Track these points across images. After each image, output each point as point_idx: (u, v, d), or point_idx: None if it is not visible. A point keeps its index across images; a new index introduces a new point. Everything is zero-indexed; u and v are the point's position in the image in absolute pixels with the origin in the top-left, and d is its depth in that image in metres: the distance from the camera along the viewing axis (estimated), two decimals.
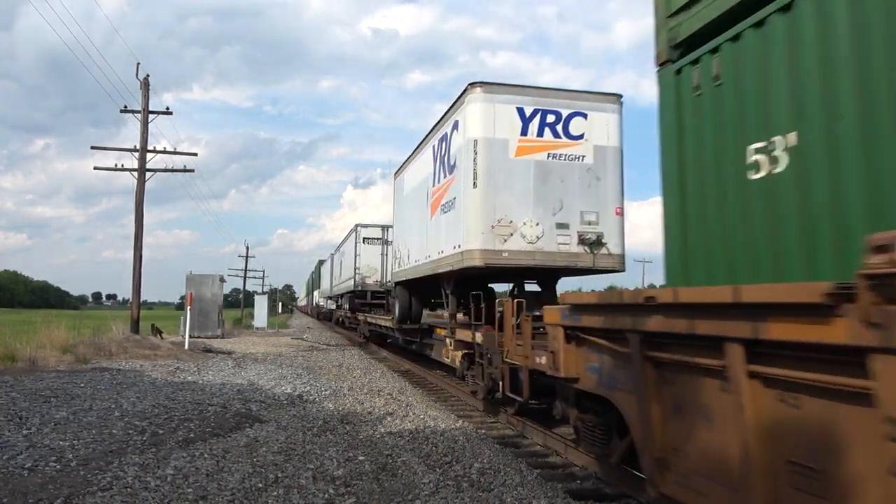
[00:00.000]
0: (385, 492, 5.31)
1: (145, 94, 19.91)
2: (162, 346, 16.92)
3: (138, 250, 19.54)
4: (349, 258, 24.23)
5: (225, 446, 6.68)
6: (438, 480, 5.62)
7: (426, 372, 13.99)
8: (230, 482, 5.39)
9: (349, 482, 5.53)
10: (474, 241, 8.77)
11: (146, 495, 4.96)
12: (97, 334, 16.73)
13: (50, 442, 6.51)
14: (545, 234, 8.74)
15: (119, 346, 15.90)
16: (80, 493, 4.94)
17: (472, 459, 6.36)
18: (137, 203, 19.70)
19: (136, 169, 19.78)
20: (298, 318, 64.61)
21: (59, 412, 7.97)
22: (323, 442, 7.03)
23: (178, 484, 5.29)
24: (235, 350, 19.46)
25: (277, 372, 13.41)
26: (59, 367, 12.64)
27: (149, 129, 19.93)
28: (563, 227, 8.84)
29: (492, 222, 8.65)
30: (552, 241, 8.77)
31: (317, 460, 6.20)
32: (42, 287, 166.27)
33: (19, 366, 12.45)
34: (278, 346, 22.31)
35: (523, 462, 6.45)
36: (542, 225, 8.76)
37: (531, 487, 5.51)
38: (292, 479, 5.56)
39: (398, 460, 6.30)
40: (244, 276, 59.94)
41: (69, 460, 5.87)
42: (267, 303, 41.07)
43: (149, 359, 15.00)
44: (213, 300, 25.09)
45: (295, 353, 18.81)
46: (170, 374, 12.50)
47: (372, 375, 13.40)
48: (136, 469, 5.66)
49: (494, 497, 5.23)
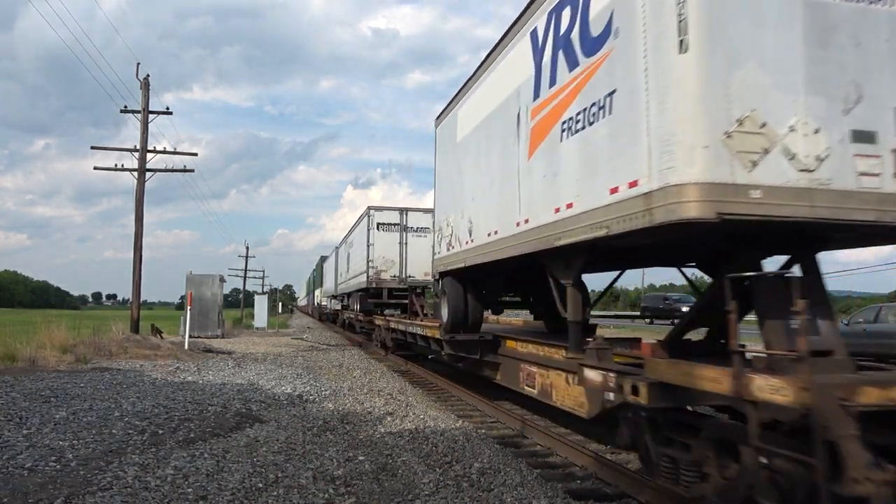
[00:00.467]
0: (385, 492, 5.31)
1: (145, 94, 19.91)
2: (162, 346, 16.92)
3: (138, 250, 19.54)
4: (360, 249, 20.82)
5: (225, 446, 6.68)
6: (438, 480, 5.62)
7: (426, 372, 13.99)
8: (230, 482, 5.39)
9: (349, 482, 5.53)
10: (688, 166, 4.05)
11: (146, 495, 4.96)
12: (97, 334, 16.72)
13: (50, 442, 6.51)
14: (833, 151, 4.18)
15: (119, 346, 15.90)
16: (80, 493, 4.94)
17: (472, 459, 6.36)
18: (137, 203, 19.70)
19: (136, 169, 19.77)
20: (298, 319, 64.60)
21: (59, 412, 7.97)
22: (323, 442, 7.03)
23: (178, 484, 5.29)
24: (235, 350, 19.46)
25: (277, 372, 13.41)
26: (59, 367, 12.63)
27: (149, 129, 19.95)
28: (865, 138, 4.27)
29: (726, 125, 4.04)
30: (847, 168, 4.21)
31: (317, 460, 6.20)
32: (42, 287, 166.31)
33: (19, 366, 12.45)
34: (278, 346, 22.30)
35: (523, 462, 6.45)
36: (825, 133, 4.19)
37: (531, 487, 5.51)
38: (292, 478, 5.56)
39: (398, 460, 6.30)
40: (244, 276, 60.00)
41: (69, 460, 5.87)
42: (267, 303, 41.08)
43: (149, 359, 15.00)
44: (213, 300, 25.08)
45: (295, 353, 18.80)
46: (170, 374, 12.50)
47: (372, 375, 13.40)
48: (136, 469, 5.65)
49: (494, 497, 5.23)
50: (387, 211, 19.74)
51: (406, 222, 19.50)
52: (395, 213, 19.63)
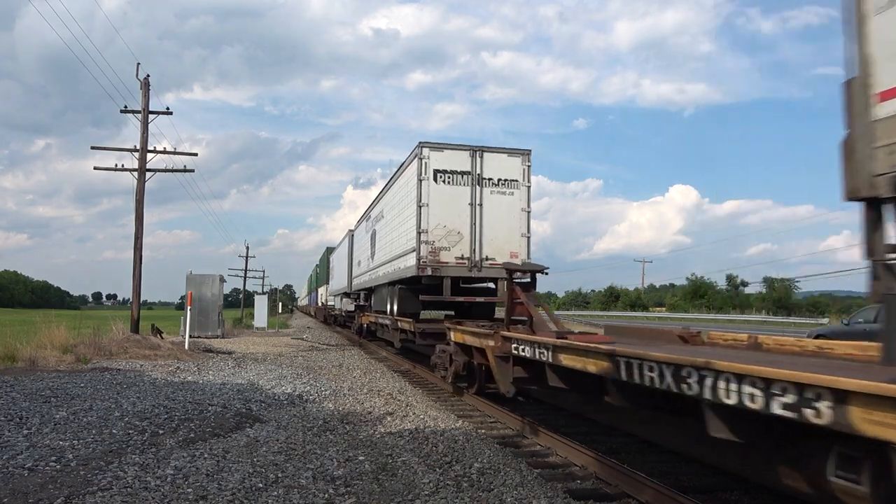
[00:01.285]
0: (385, 492, 5.31)
1: (145, 94, 19.91)
2: (162, 346, 16.92)
3: (138, 250, 19.55)
4: (401, 217, 13.68)
5: (225, 446, 6.68)
6: (438, 480, 5.62)
7: (426, 373, 13.98)
8: (230, 482, 5.39)
9: (349, 482, 5.54)
10: None
11: (146, 495, 4.97)
12: (97, 334, 16.71)
13: (50, 442, 6.51)
14: None
15: (119, 346, 15.90)
16: (80, 493, 4.94)
17: (472, 459, 6.36)
18: (137, 203, 19.71)
19: (136, 169, 19.78)
20: (299, 319, 64.61)
21: (59, 412, 7.97)
22: (323, 442, 7.03)
23: (179, 484, 5.29)
24: (235, 350, 19.47)
25: (277, 372, 13.42)
26: (59, 367, 12.63)
27: (149, 129, 19.95)
28: None
29: None
30: None
31: (317, 460, 6.20)
32: (42, 287, 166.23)
33: (19, 366, 12.45)
34: (278, 346, 22.31)
35: (523, 462, 6.45)
36: None
37: (531, 487, 5.51)
38: (292, 479, 5.56)
39: (398, 460, 6.30)
40: (244, 276, 60.02)
41: (69, 460, 5.87)
42: (267, 303, 41.09)
43: (149, 359, 15.00)
44: (214, 300, 25.09)
45: (295, 353, 18.81)
46: (170, 374, 12.50)
47: (372, 375, 13.40)
48: (136, 469, 5.66)
49: (494, 497, 5.23)
50: (449, 151, 12.33)
51: (481, 170, 12.36)
52: (464, 156, 12.32)
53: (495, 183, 12.51)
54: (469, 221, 12.34)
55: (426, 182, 12.22)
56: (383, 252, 16.24)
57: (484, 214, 12.44)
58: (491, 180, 12.50)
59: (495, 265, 12.07)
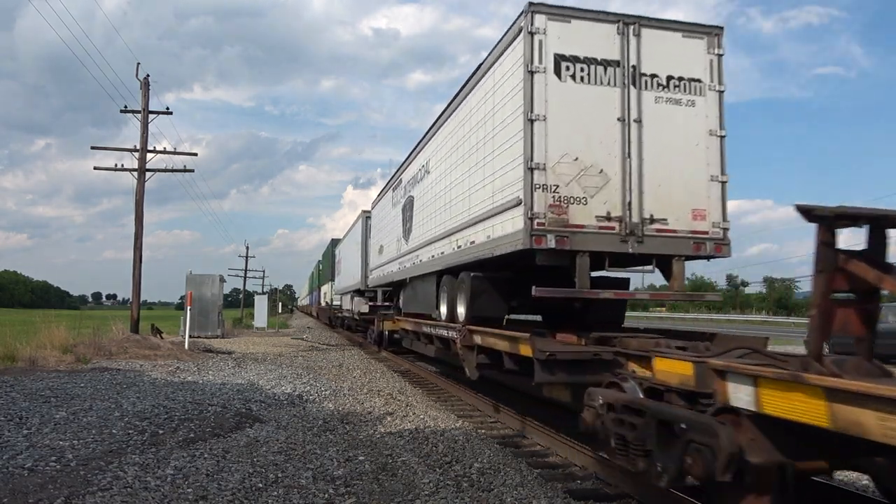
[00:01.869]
0: (385, 492, 5.31)
1: (145, 94, 19.91)
2: (162, 346, 16.93)
3: (138, 250, 19.55)
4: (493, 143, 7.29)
5: (225, 446, 6.68)
6: (438, 480, 5.62)
7: (426, 372, 13.98)
8: (230, 482, 5.39)
9: (349, 482, 5.54)
10: None
11: (146, 495, 4.96)
12: (97, 334, 16.71)
13: (50, 442, 6.51)
14: None
15: (119, 346, 15.90)
16: (80, 493, 4.93)
17: (472, 459, 6.36)
18: (137, 203, 19.70)
19: (136, 169, 19.78)
20: (299, 319, 64.62)
21: (59, 412, 7.97)
22: (323, 442, 7.03)
23: (178, 484, 5.29)
24: (235, 350, 19.47)
25: (277, 372, 13.42)
26: (59, 367, 12.63)
27: (149, 129, 19.96)
28: None
29: None
30: None
31: (317, 460, 6.20)
32: (42, 287, 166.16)
33: (19, 366, 12.45)
34: (278, 346, 22.31)
35: (523, 462, 6.45)
36: None
37: (531, 487, 5.51)
38: (292, 479, 5.56)
39: (398, 460, 6.30)
40: (244, 276, 60.02)
41: (69, 460, 5.87)
42: (267, 303, 41.10)
43: (149, 359, 15.00)
44: (213, 300, 25.10)
45: (295, 353, 18.81)
46: (170, 374, 12.50)
47: (372, 375, 13.41)
48: (136, 469, 5.66)
49: (494, 497, 5.23)
50: (579, 22, 6.67)
51: (638, 59, 6.74)
52: (607, 32, 6.70)
53: (663, 83, 6.89)
54: (620, 151, 6.67)
55: (541, 76, 6.53)
56: (433, 223, 10.26)
57: (645, 139, 6.75)
58: (656, 78, 6.86)
59: (667, 232, 6.76)
